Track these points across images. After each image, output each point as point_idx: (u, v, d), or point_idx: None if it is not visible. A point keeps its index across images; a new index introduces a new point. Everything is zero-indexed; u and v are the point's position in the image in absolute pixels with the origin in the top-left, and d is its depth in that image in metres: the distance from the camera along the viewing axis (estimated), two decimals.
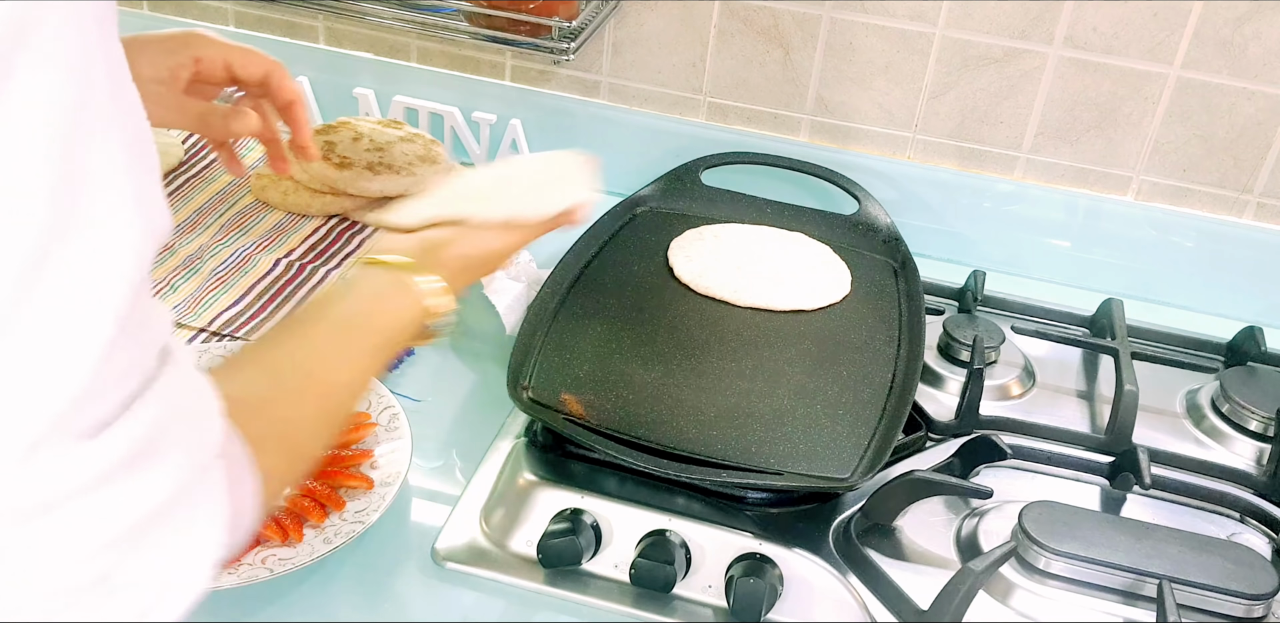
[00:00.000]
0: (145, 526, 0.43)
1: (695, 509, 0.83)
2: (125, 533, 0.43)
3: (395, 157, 1.18)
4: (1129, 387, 0.93)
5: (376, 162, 1.17)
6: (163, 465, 0.43)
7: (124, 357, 0.41)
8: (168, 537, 0.45)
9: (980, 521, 0.84)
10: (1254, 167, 1.11)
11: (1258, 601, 0.78)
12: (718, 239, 1.09)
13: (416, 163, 1.18)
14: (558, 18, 1.06)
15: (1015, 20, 1.08)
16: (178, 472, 0.44)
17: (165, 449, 0.43)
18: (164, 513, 0.44)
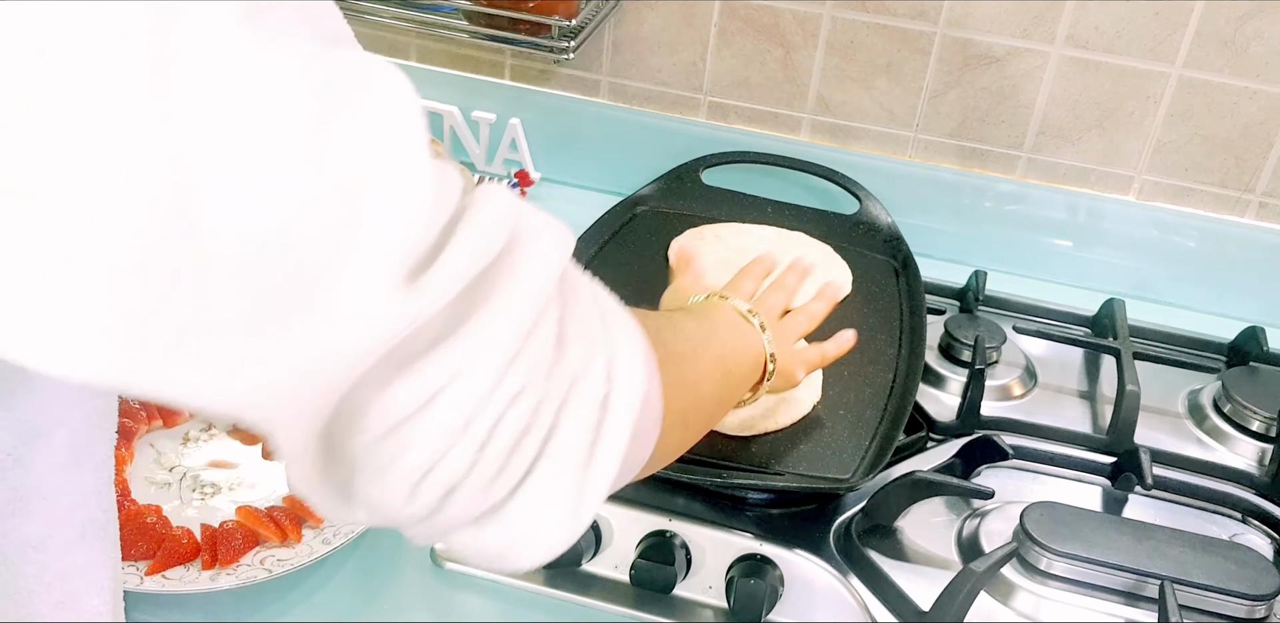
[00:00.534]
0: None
1: (695, 510, 0.83)
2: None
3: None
4: (1131, 387, 0.93)
5: None
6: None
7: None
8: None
9: (982, 521, 0.84)
10: (1256, 166, 1.10)
11: (1259, 601, 0.77)
12: (718, 239, 1.09)
13: None
14: (557, 17, 1.06)
15: (1016, 19, 1.08)
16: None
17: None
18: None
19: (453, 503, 0.43)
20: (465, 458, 0.42)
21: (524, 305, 0.42)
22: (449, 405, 0.41)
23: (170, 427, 0.90)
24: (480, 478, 0.43)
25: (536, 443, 0.43)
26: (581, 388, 0.44)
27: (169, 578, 0.77)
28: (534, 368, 0.43)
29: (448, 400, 0.41)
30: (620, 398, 0.46)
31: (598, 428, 0.45)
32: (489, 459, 0.42)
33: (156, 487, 0.86)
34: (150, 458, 0.88)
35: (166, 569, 0.78)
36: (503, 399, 0.42)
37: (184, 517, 0.83)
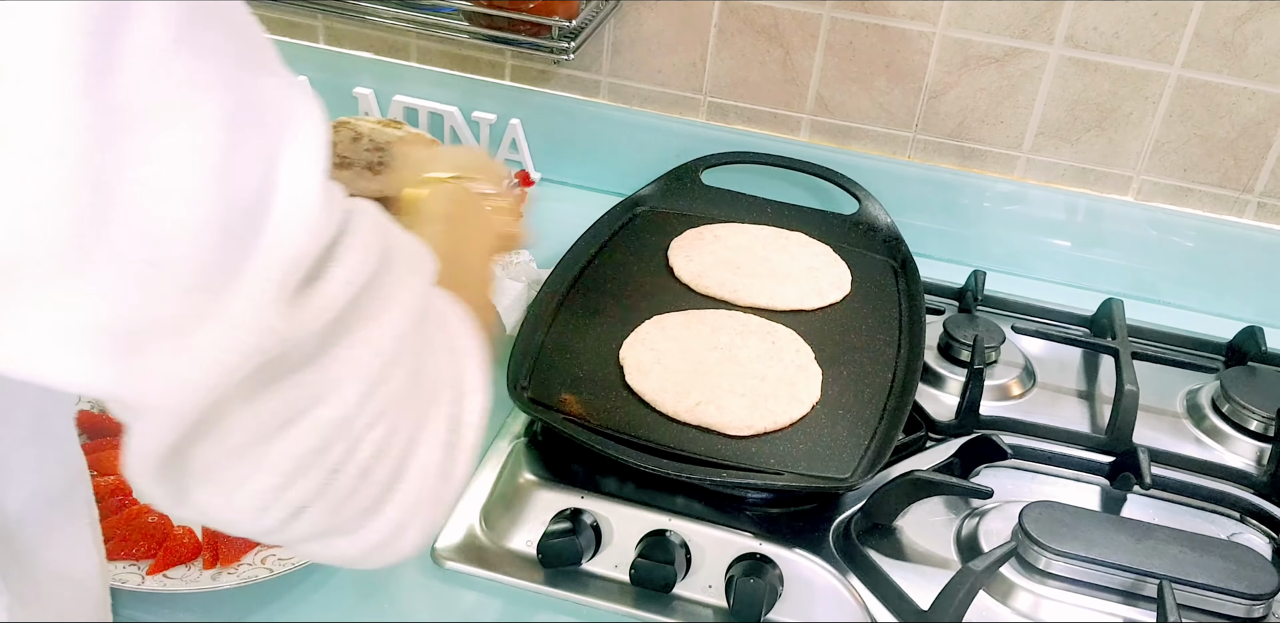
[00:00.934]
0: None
1: (695, 509, 0.83)
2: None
3: (395, 156, 1.18)
4: (1129, 387, 0.93)
5: (376, 161, 1.17)
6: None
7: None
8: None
9: (980, 521, 0.84)
10: (1254, 166, 1.11)
11: (1258, 601, 0.78)
12: (718, 239, 1.09)
13: None
14: (557, 17, 1.06)
15: (1015, 20, 1.08)
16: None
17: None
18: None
19: (300, 522, 0.45)
20: (318, 482, 0.44)
21: (391, 336, 0.45)
22: (309, 428, 0.43)
23: None
24: (331, 501, 0.44)
25: (390, 468, 0.45)
26: (434, 414, 0.47)
27: (170, 578, 0.77)
28: (393, 396, 0.45)
29: (309, 422, 0.43)
30: (469, 419, 0.49)
31: (450, 446, 0.48)
32: (341, 484, 0.44)
33: None
34: None
35: (167, 569, 0.78)
36: (361, 425, 0.44)
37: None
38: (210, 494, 0.44)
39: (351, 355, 0.43)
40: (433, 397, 0.47)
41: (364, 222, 0.45)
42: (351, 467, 0.44)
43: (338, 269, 0.43)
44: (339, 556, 0.48)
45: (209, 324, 0.40)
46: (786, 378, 0.91)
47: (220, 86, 0.39)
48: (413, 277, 0.47)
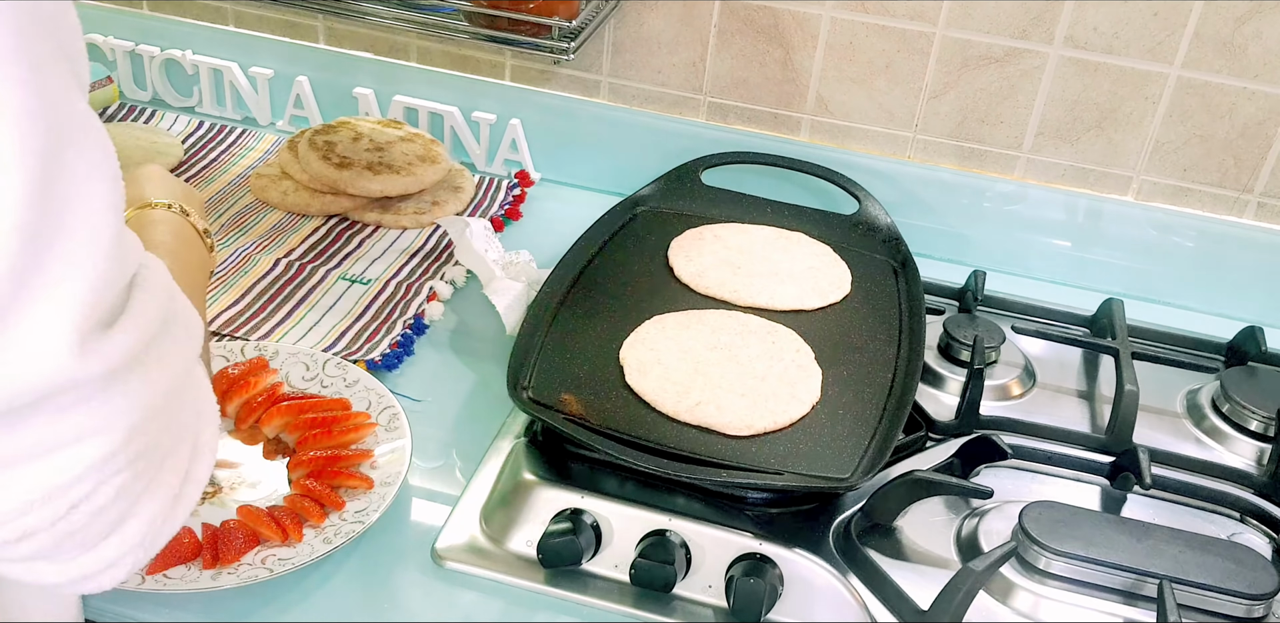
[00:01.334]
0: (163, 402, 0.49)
1: (695, 509, 0.83)
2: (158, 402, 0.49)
3: (395, 156, 1.18)
4: (1129, 387, 0.93)
5: (376, 161, 1.17)
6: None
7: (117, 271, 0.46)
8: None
9: (980, 521, 0.84)
10: (1254, 166, 1.11)
11: (1258, 601, 0.78)
12: (718, 239, 1.09)
13: (416, 163, 1.18)
14: (558, 18, 1.06)
15: (1015, 20, 1.08)
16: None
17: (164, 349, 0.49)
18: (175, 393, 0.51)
19: (21, 545, 0.47)
20: (55, 513, 0.46)
21: (160, 392, 0.48)
22: (66, 463, 0.45)
23: None
24: (59, 532, 0.47)
25: (121, 511, 0.48)
26: (170, 466, 0.51)
27: (170, 577, 0.77)
28: (145, 446, 0.48)
29: (67, 458, 0.45)
30: (197, 476, 0.53)
31: (176, 498, 0.51)
32: (75, 519, 0.47)
33: None
34: None
35: (167, 569, 0.78)
36: (111, 470, 0.47)
37: None
38: None
39: (123, 404, 0.46)
40: (173, 450, 0.51)
41: (155, 279, 0.48)
42: (89, 506, 0.47)
43: (129, 321, 0.46)
44: (38, 579, 0.50)
45: (4, 350, 0.41)
46: (786, 378, 0.91)
47: (46, 105, 0.41)
48: (187, 341, 0.51)
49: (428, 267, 1.11)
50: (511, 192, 1.24)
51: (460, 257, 1.08)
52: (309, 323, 1.01)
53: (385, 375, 0.97)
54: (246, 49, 1.29)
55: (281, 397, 0.92)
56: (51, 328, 0.42)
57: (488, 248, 1.07)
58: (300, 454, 0.87)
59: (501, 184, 1.24)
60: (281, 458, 0.89)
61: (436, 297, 1.07)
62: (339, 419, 0.89)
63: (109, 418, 0.46)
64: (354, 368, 0.95)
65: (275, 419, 0.90)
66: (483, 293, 1.05)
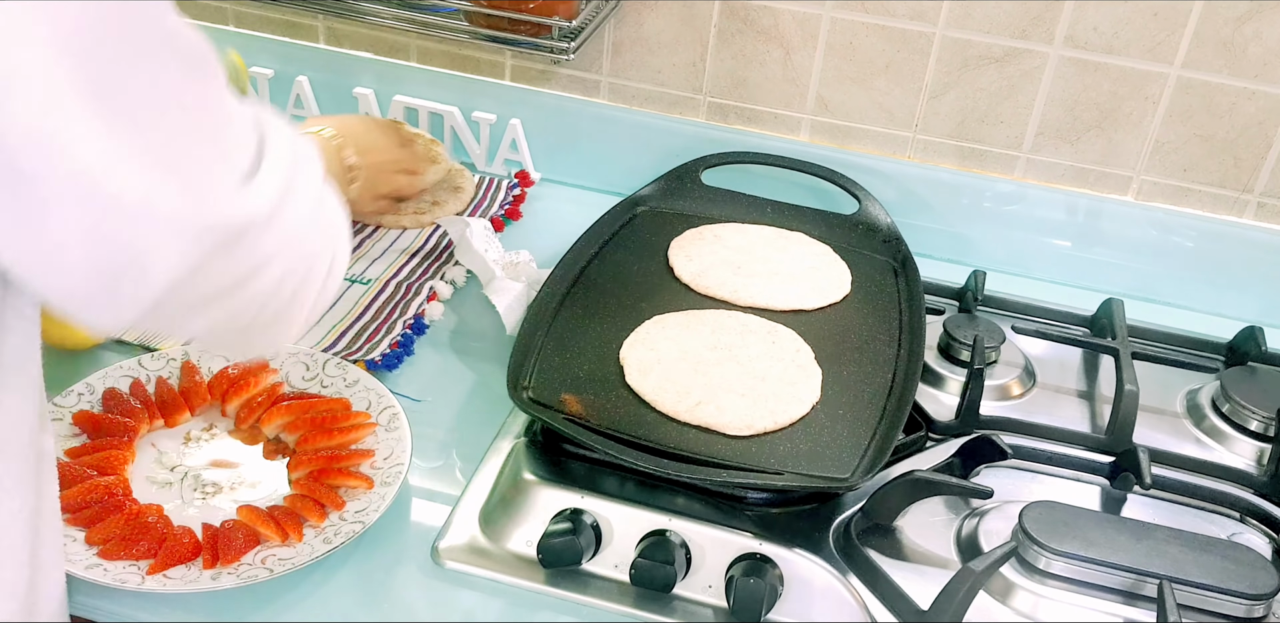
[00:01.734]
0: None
1: (695, 509, 0.83)
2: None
3: None
4: (1129, 387, 0.93)
5: None
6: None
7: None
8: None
9: (980, 521, 0.84)
10: (1254, 166, 1.11)
11: (1258, 601, 0.78)
12: (718, 239, 1.09)
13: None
14: (558, 17, 1.06)
15: (1015, 20, 1.08)
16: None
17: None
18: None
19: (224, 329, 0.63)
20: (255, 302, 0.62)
21: (304, 215, 0.62)
22: (256, 283, 0.60)
23: (172, 427, 0.90)
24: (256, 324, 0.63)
25: (290, 290, 0.63)
26: (318, 263, 0.65)
27: (170, 577, 0.77)
28: (305, 255, 0.63)
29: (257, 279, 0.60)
30: (338, 263, 0.68)
31: (328, 275, 0.66)
32: (264, 313, 0.62)
33: (158, 486, 0.86)
34: (151, 458, 0.88)
35: (167, 569, 0.78)
36: (281, 274, 0.61)
37: (185, 516, 0.83)
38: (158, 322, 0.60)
39: (283, 230, 0.59)
40: (319, 255, 0.65)
41: (277, 125, 0.61)
42: (274, 302, 0.62)
43: (268, 165, 0.58)
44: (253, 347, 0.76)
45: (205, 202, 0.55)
46: (786, 378, 0.91)
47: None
48: (314, 174, 0.63)
49: (428, 267, 1.11)
50: (511, 192, 1.24)
51: (460, 257, 1.08)
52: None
53: (385, 375, 0.97)
54: (246, 49, 1.29)
55: (281, 397, 0.92)
56: (227, 181, 0.55)
57: (488, 248, 1.07)
58: (300, 454, 0.87)
59: (501, 184, 1.24)
60: (281, 458, 0.89)
61: (436, 297, 1.07)
62: (339, 419, 0.89)
63: (277, 244, 0.59)
64: (354, 368, 0.95)
65: (275, 419, 0.90)
66: (483, 293, 1.05)
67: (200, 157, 0.54)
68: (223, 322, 0.62)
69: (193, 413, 0.92)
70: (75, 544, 0.79)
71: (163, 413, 0.90)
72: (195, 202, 0.54)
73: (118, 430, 0.87)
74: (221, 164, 0.56)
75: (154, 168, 0.52)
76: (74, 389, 0.90)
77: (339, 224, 0.68)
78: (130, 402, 0.90)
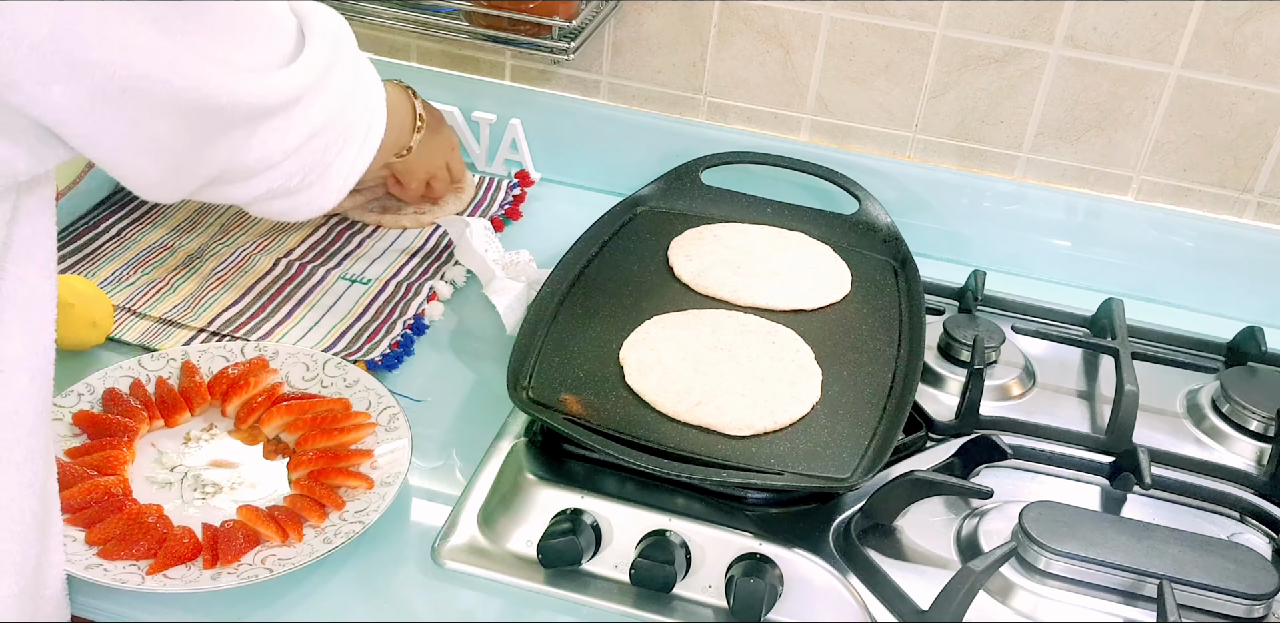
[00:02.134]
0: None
1: (695, 509, 0.83)
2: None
3: None
4: (1129, 387, 0.93)
5: None
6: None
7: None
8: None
9: (980, 521, 0.84)
10: (1254, 166, 1.11)
11: (1258, 601, 0.78)
12: (718, 239, 1.09)
13: None
14: (558, 17, 1.06)
15: (1015, 20, 1.08)
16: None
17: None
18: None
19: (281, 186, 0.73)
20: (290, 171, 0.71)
21: (343, 91, 0.72)
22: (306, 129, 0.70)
23: (171, 427, 0.90)
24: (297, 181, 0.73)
25: (334, 154, 0.73)
26: (353, 132, 0.75)
27: (170, 578, 0.77)
28: (346, 124, 0.74)
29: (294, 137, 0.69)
30: (373, 134, 0.78)
31: (365, 137, 0.77)
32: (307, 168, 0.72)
33: (158, 486, 0.86)
34: (151, 458, 0.88)
35: (167, 569, 0.78)
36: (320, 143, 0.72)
37: (185, 516, 0.83)
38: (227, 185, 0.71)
39: (324, 102, 0.69)
40: (356, 121, 0.75)
41: (315, 12, 0.69)
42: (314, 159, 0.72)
43: (311, 46, 0.67)
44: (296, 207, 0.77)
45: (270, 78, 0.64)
46: (786, 378, 0.91)
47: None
48: (348, 46, 0.73)
49: (428, 267, 1.11)
50: (511, 192, 1.24)
51: (460, 257, 1.08)
52: (309, 323, 1.01)
53: (385, 375, 0.97)
54: None
55: (281, 397, 0.92)
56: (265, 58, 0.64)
57: (488, 248, 1.07)
58: (300, 454, 0.87)
59: (501, 184, 1.24)
60: (281, 458, 0.89)
61: (436, 297, 1.07)
62: (339, 419, 0.89)
63: (322, 116, 0.69)
64: (354, 368, 0.95)
65: (275, 419, 0.90)
66: (483, 293, 1.05)
67: (248, 45, 0.62)
68: (275, 187, 0.71)
69: (193, 413, 0.92)
70: (75, 544, 0.79)
71: (163, 413, 0.90)
72: (248, 85, 0.61)
73: (118, 430, 0.87)
74: (265, 50, 0.63)
75: (207, 61, 0.58)
76: (74, 389, 0.90)
77: (375, 95, 0.77)
78: (130, 402, 0.90)
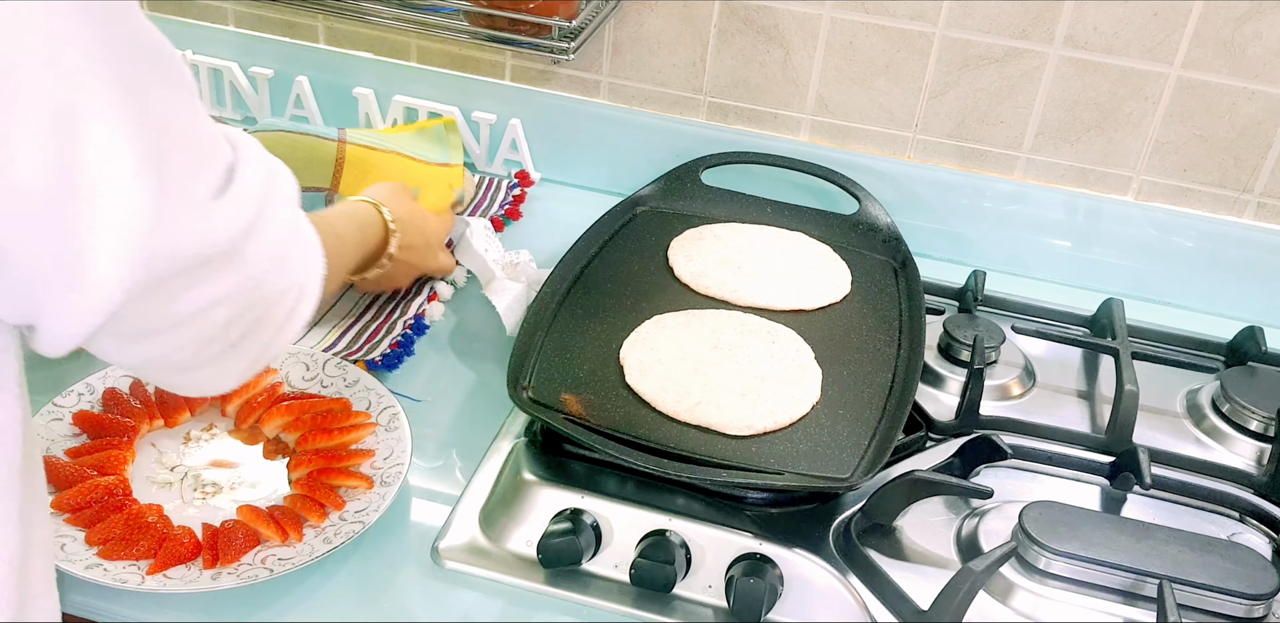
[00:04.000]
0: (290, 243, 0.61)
1: (695, 509, 0.83)
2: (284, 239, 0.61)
3: None
4: (1129, 387, 0.93)
5: None
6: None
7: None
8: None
9: (980, 521, 0.84)
10: (1254, 166, 1.11)
11: (1258, 601, 0.78)
12: (718, 239, 1.09)
13: None
14: (558, 17, 1.06)
15: (1015, 20, 1.08)
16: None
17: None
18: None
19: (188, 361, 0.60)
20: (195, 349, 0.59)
21: (274, 242, 0.59)
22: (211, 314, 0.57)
23: (171, 427, 0.90)
24: (203, 358, 0.60)
25: (237, 334, 0.60)
26: (280, 302, 0.61)
27: (170, 577, 0.77)
28: (267, 292, 0.60)
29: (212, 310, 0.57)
30: (294, 320, 0.63)
31: (286, 319, 0.62)
32: (209, 350, 0.59)
33: (158, 486, 0.86)
34: (151, 458, 0.88)
35: (167, 569, 0.78)
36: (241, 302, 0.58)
37: (185, 516, 0.83)
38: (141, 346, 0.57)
39: (249, 262, 0.57)
40: (284, 294, 0.61)
41: (250, 145, 0.59)
42: (225, 337, 0.59)
43: (238, 183, 0.56)
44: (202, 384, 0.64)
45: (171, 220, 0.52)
46: (786, 378, 0.91)
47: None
48: (292, 195, 0.61)
49: None
50: (511, 192, 1.24)
51: (460, 257, 1.08)
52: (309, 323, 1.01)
53: (385, 375, 0.97)
54: (246, 49, 1.29)
55: (281, 397, 0.92)
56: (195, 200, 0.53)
57: (488, 248, 1.08)
58: (300, 454, 0.87)
59: (501, 184, 1.24)
60: (281, 458, 0.89)
61: (436, 297, 1.07)
62: (339, 419, 0.89)
63: (238, 278, 0.57)
64: (354, 368, 0.95)
65: (275, 419, 0.90)
66: (483, 293, 1.05)
67: (177, 173, 0.52)
68: (158, 357, 0.58)
69: (193, 413, 0.92)
70: (75, 544, 0.79)
71: (163, 413, 0.90)
72: (167, 219, 0.51)
73: (118, 430, 0.87)
74: (194, 180, 0.53)
75: (142, 184, 0.50)
76: (74, 389, 0.90)
77: (310, 274, 0.63)
78: (130, 402, 0.90)
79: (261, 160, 0.58)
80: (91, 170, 0.49)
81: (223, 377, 0.62)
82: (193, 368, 0.60)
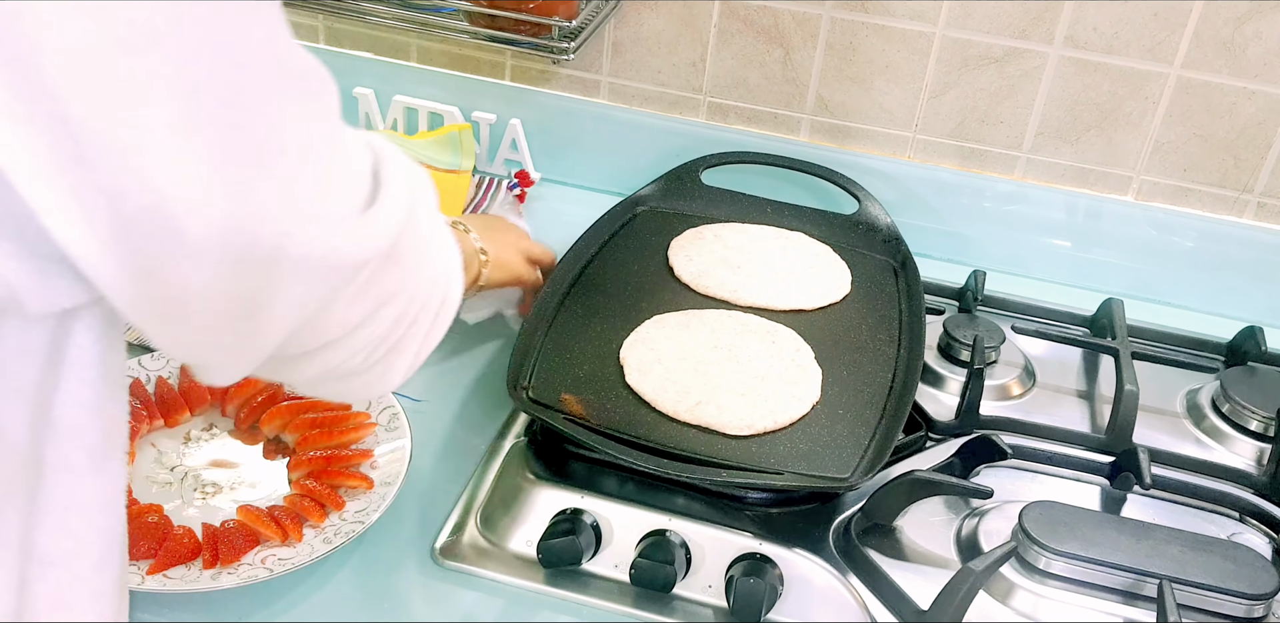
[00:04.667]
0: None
1: (695, 509, 0.83)
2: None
3: None
4: (1129, 387, 0.93)
5: None
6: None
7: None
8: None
9: (980, 521, 0.84)
10: (1254, 166, 1.11)
11: (1258, 601, 0.78)
12: (718, 239, 1.09)
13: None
14: (558, 17, 1.06)
15: (1015, 20, 1.08)
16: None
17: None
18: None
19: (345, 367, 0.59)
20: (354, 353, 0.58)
21: (425, 234, 0.59)
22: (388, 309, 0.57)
23: (172, 426, 0.90)
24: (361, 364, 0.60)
25: (404, 328, 0.60)
26: (428, 304, 0.62)
27: (170, 577, 0.77)
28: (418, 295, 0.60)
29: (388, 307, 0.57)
30: (448, 307, 0.64)
31: (441, 306, 0.63)
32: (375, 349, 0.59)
33: (158, 486, 0.86)
34: (152, 458, 0.88)
35: (168, 569, 0.78)
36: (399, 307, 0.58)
37: (185, 516, 0.83)
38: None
39: (411, 245, 0.57)
40: (426, 304, 0.61)
41: (391, 151, 0.58)
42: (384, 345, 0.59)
43: (386, 194, 0.55)
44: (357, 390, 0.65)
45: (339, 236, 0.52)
46: (786, 378, 0.91)
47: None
48: (434, 205, 0.61)
49: None
50: (511, 191, 1.24)
51: None
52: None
53: None
54: None
55: (281, 397, 0.92)
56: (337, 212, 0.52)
57: None
58: (300, 454, 0.87)
59: (501, 184, 1.24)
60: (281, 458, 0.89)
61: None
62: (339, 419, 0.89)
63: (396, 281, 0.56)
64: None
65: (275, 419, 0.90)
66: None
67: (319, 190, 0.51)
68: (330, 369, 0.58)
69: (193, 413, 0.92)
70: None
71: (163, 413, 0.90)
72: (319, 238, 0.50)
73: None
74: (339, 195, 0.52)
75: (281, 208, 0.49)
76: None
77: (453, 263, 0.64)
78: (130, 402, 0.90)
79: (397, 154, 0.59)
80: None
81: (391, 375, 0.63)
82: (355, 376, 0.60)
